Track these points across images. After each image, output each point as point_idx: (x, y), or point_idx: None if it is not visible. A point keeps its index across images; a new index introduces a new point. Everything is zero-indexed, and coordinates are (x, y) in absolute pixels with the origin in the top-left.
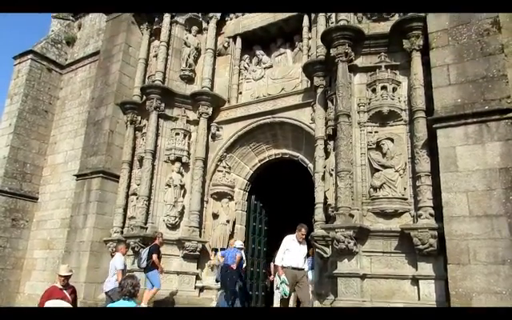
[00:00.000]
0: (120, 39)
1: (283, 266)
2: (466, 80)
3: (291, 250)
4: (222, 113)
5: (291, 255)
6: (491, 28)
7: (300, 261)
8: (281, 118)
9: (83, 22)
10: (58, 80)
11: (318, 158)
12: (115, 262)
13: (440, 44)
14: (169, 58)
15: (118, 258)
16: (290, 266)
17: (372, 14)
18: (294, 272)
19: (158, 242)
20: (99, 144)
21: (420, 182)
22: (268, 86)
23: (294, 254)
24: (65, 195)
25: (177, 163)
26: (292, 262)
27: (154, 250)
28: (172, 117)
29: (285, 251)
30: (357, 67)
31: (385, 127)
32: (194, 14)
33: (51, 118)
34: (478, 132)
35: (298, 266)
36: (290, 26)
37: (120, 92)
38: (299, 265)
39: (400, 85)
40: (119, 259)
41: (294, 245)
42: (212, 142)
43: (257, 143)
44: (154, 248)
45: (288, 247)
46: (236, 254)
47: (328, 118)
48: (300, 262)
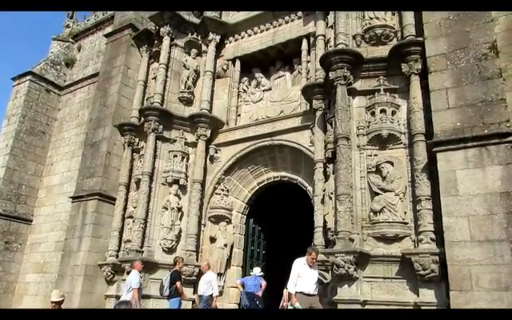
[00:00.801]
0: (119, 61)
1: (296, 292)
2: (464, 104)
3: (303, 276)
4: (221, 135)
5: (303, 281)
6: (489, 52)
7: (312, 286)
8: (280, 140)
9: (83, 43)
10: (56, 101)
11: (317, 181)
12: (131, 279)
13: (438, 68)
14: (168, 80)
15: (133, 276)
16: (303, 292)
17: (370, 38)
18: (308, 298)
19: (179, 267)
20: (96, 166)
21: (420, 206)
22: (267, 108)
23: (305, 280)
24: (60, 217)
25: (174, 186)
26: (304, 287)
27: (176, 277)
28: (170, 139)
29: (297, 277)
30: (356, 90)
31: (384, 150)
32: (193, 37)
33: (48, 139)
34: (478, 156)
35: (310, 293)
36: (288, 49)
37: (118, 114)
38: (311, 291)
39: (399, 108)
40: (135, 277)
41: (305, 269)
42: (210, 165)
43: (255, 166)
44: (176, 275)
45: (299, 272)
46: (260, 282)
47: (327, 140)
48: (312, 288)
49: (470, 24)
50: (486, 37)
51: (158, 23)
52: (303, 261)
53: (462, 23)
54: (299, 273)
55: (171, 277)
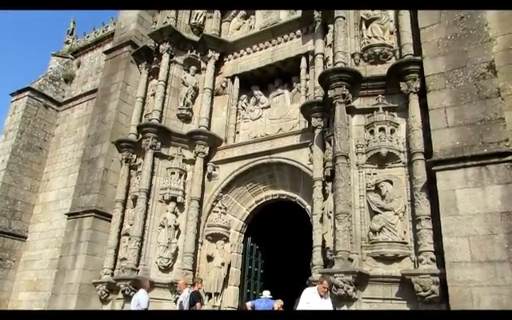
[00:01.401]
0: (118, 77)
1: None
2: (463, 123)
3: (312, 305)
4: (219, 152)
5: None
6: (487, 72)
7: None
8: (278, 158)
9: (82, 60)
10: (54, 117)
11: (316, 200)
12: (140, 298)
13: (437, 87)
14: (166, 96)
15: (142, 296)
16: None
17: (369, 57)
18: None
19: (198, 288)
20: (93, 182)
21: (420, 226)
22: (266, 126)
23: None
24: (55, 234)
25: (171, 203)
26: None
27: (196, 298)
28: (168, 156)
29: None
30: (354, 109)
31: (383, 169)
32: (192, 54)
33: (45, 155)
34: (478, 175)
35: None
36: (287, 67)
37: (116, 130)
38: None
39: (398, 127)
40: (144, 297)
41: (315, 298)
42: (208, 182)
43: (254, 184)
44: (195, 295)
45: (308, 300)
46: (273, 305)
47: (326, 158)
48: None
49: (467, 43)
50: (484, 56)
51: (158, 40)
52: (314, 290)
53: (459, 42)
54: (308, 300)
55: (191, 298)
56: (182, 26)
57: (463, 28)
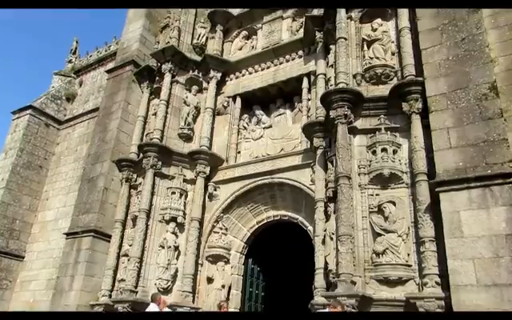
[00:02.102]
0: (120, 97)
1: None
2: (466, 143)
3: None
4: (220, 172)
5: None
6: (489, 93)
7: None
8: (280, 178)
9: (84, 79)
10: (55, 135)
11: (318, 221)
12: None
13: (439, 108)
14: (168, 116)
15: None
16: None
17: (371, 77)
18: None
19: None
20: (92, 201)
21: (424, 248)
22: (267, 145)
23: None
24: (52, 254)
25: (172, 223)
26: None
27: None
28: (168, 175)
29: None
30: (356, 129)
31: (386, 190)
32: (194, 74)
33: (45, 174)
34: (482, 196)
35: None
36: (289, 87)
37: (117, 149)
38: None
39: (400, 147)
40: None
41: None
42: (209, 202)
43: (255, 204)
44: None
45: None
46: None
47: (328, 179)
48: None
49: (469, 64)
50: (486, 77)
51: (160, 60)
52: None
53: (461, 63)
54: None
55: None
56: (184, 46)
57: (464, 49)
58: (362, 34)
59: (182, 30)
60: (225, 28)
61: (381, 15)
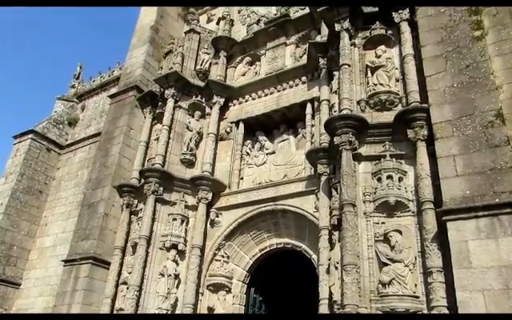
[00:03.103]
0: (122, 122)
1: None
2: (473, 171)
3: None
4: (222, 198)
5: None
6: (495, 120)
7: None
8: (283, 205)
9: (87, 103)
10: (55, 160)
11: (322, 250)
12: None
13: (445, 135)
14: (170, 141)
15: None
16: None
17: (375, 104)
18: None
19: None
20: (92, 227)
21: (432, 279)
22: (270, 172)
23: None
24: (50, 282)
25: (172, 251)
26: None
27: None
28: (170, 201)
29: None
30: (361, 156)
31: (392, 218)
32: (197, 99)
33: (45, 199)
34: (490, 226)
35: None
36: (292, 113)
37: (118, 174)
38: None
39: (406, 174)
40: None
41: None
42: (210, 229)
43: (258, 231)
44: None
45: None
46: None
47: (332, 206)
48: None
49: (474, 91)
50: (492, 104)
51: (163, 85)
52: None
53: (466, 91)
54: None
55: None
56: (187, 72)
57: (469, 76)
58: (365, 60)
59: (185, 55)
60: (228, 54)
61: (384, 42)
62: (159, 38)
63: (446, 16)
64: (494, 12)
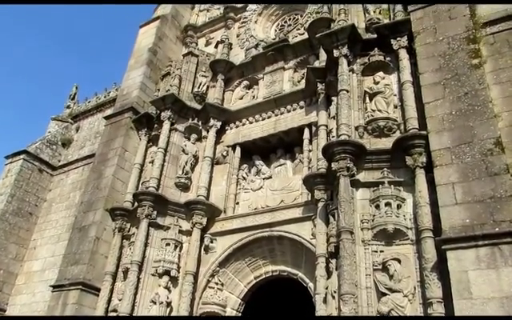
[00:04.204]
0: (117, 143)
1: None
2: (473, 200)
3: None
4: (217, 224)
5: None
6: (494, 148)
7: None
8: (279, 231)
9: (82, 124)
10: (47, 181)
11: (319, 278)
12: None
13: (444, 162)
14: (165, 164)
15: None
16: None
17: (373, 130)
18: None
19: None
20: (82, 252)
21: (432, 310)
22: (267, 197)
23: None
24: (37, 308)
25: (165, 277)
26: None
27: None
28: (164, 226)
29: None
30: (359, 182)
31: (391, 246)
32: (194, 122)
33: (35, 221)
34: (491, 255)
35: None
36: (290, 138)
37: (111, 197)
38: None
39: (405, 202)
40: None
41: None
42: (204, 255)
43: (253, 258)
44: None
45: None
46: None
47: (330, 233)
48: None
49: (473, 119)
50: (490, 132)
51: (160, 108)
52: None
53: (465, 118)
54: None
55: None
56: (184, 95)
57: (468, 104)
58: (363, 86)
59: (183, 78)
60: (226, 77)
61: (383, 68)
62: (157, 60)
63: (444, 44)
64: (491, 41)
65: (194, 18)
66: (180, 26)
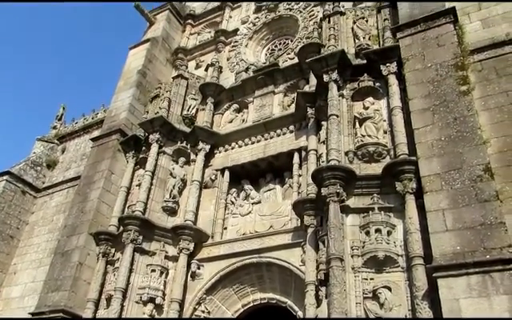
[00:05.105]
0: (103, 166)
1: None
2: (463, 226)
3: None
4: (205, 249)
5: None
6: (484, 174)
7: None
8: (268, 258)
9: (68, 145)
10: (30, 203)
11: (308, 306)
12: None
13: (434, 188)
14: (152, 187)
15: None
16: None
17: (363, 155)
18: None
19: None
20: (64, 278)
21: None
22: (255, 222)
23: None
24: None
25: (149, 305)
26: None
27: None
28: (149, 251)
29: None
30: (349, 208)
31: (381, 274)
32: (182, 146)
33: (16, 245)
34: (482, 283)
35: None
36: (279, 162)
37: (96, 221)
38: None
39: (395, 228)
40: None
41: None
42: (191, 282)
43: (241, 285)
44: None
45: None
46: None
47: (319, 260)
48: None
49: (462, 145)
50: (480, 158)
51: (148, 130)
52: None
53: (453, 144)
54: None
55: None
56: (173, 117)
57: (457, 130)
58: (353, 111)
59: (172, 100)
60: (216, 100)
61: (372, 94)
62: (146, 82)
63: (433, 71)
64: (479, 68)
65: (185, 41)
66: (170, 49)
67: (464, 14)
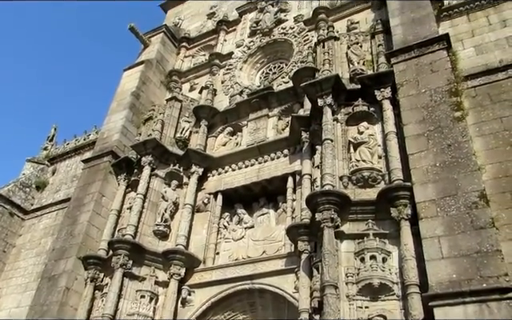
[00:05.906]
0: (94, 188)
1: None
2: (459, 254)
3: None
4: (196, 275)
5: None
6: (479, 201)
7: None
8: (261, 284)
9: (58, 167)
10: (18, 226)
11: None
12: None
13: (429, 215)
14: (144, 211)
15: None
16: None
17: (358, 180)
18: None
19: None
20: (51, 303)
21: None
22: (248, 247)
23: None
24: None
25: None
26: None
27: None
28: (139, 276)
29: None
30: (344, 234)
31: (376, 302)
32: (175, 168)
33: (1, 268)
34: (479, 312)
35: None
36: (273, 186)
37: (85, 244)
38: None
39: (390, 255)
40: None
41: None
42: (181, 309)
43: (233, 313)
44: None
45: None
46: None
47: (313, 287)
48: None
49: (457, 171)
50: (475, 185)
51: (140, 152)
52: None
53: (448, 170)
54: None
55: None
56: (166, 140)
57: (451, 156)
58: (348, 136)
59: (165, 123)
60: (210, 123)
61: (367, 119)
62: (140, 104)
63: (427, 96)
64: (473, 94)
65: (179, 64)
66: (164, 71)
67: (457, 40)
